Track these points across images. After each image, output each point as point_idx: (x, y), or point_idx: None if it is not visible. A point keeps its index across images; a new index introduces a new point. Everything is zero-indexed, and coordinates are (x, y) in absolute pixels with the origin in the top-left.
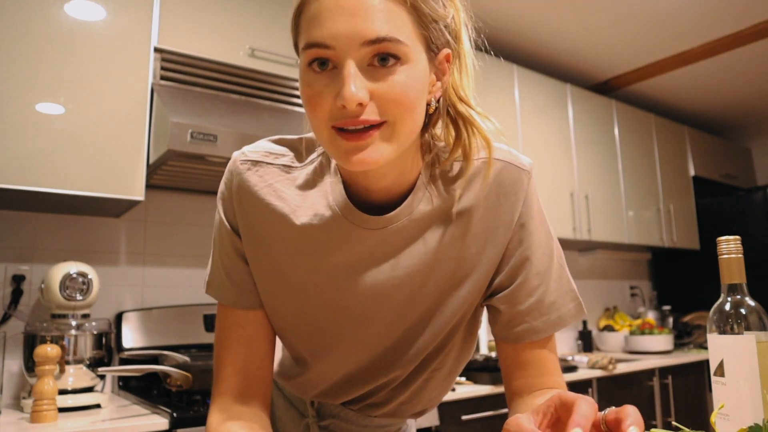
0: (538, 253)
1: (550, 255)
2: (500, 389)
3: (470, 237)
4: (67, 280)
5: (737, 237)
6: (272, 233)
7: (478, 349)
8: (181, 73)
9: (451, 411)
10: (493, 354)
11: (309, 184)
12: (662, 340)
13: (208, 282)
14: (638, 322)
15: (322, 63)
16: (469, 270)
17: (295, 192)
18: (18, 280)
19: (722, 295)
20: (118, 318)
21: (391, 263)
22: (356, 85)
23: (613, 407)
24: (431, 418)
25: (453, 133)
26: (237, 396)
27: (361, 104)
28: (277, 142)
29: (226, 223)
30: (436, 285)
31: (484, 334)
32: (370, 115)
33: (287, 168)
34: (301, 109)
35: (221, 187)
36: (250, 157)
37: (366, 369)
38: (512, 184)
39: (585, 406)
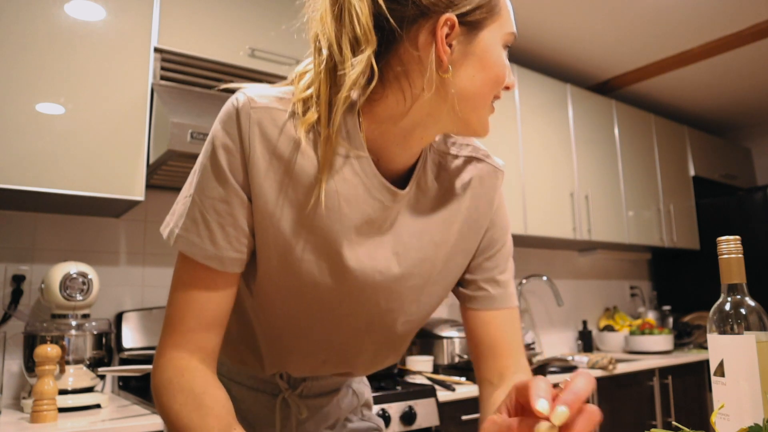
0: (504, 240)
1: (511, 245)
2: None
3: (455, 223)
4: (67, 280)
5: (737, 237)
6: (295, 192)
7: None
8: (181, 73)
9: (451, 411)
10: None
11: (327, 145)
12: (662, 340)
13: (177, 234)
14: (638, 322)
15: None
16: (452, 256)
17: (312, 149)
18: (18, 280)
19: (722, 295)
20: (118, 318)
21: (394, 236)
22: None
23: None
24: (431, 418)
25: None
26: (195, 351)
27: None
28: (277, 87)
29: (231, 178)
30: (424, 265)
31: None
32: None
33: (300, 120)
34: None
35: (221, 137)
36: (261, 104)
37: (347, 351)
38: (491, 180)
39: (540, 385)
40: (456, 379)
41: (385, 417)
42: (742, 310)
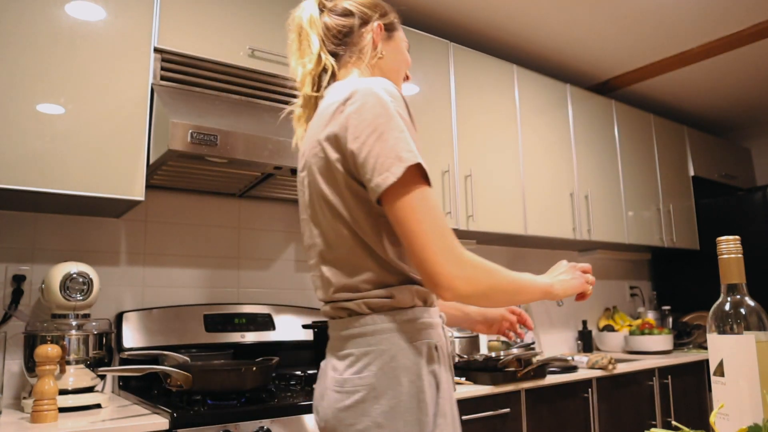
0: None
1: None
2: (500, 389)
3: None
4: (68, 280)
5: (737, 237)
6: None
7: (478, 349)
8: (181, 73)
9: None
10: (493, 354)
11: None
12: (662, 340)
13: (411, 158)
14: (638, 322)
15: None
16: None
17: None
18: (18, 280)
19: (722, 295)
20: (119, 318)
21: None
22: None
23: None
24: None
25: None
26: None
27: None
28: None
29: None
30: None
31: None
32: None
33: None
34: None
35: (395, 93)
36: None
37: None
38: None
39: None
40: (456, 378)
41: None
42: (742, 310)
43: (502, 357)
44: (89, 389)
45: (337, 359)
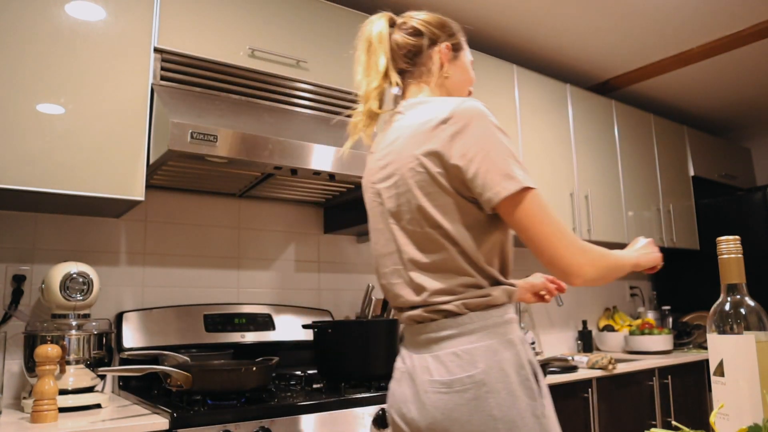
0: None
1: None
2: None
3: None
4: (68, 280)
5: (737, 237)
6: None
7: None
8: (181, 73)
9: None
10: None
11: None
12: (662, 340)
13: (525, 178)
14: (638, 322)
15: None
16: None
17: None
18: (18, 280)
19: (722, 295)
20: (119, 318)
21: None
22: None
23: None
24: None
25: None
26: None
27: None
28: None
29: None
30: None
31: None
32: None
33: None
34: (301, 110)
35: (486, 110)
36: None
37: None
38: None
39: None
40: None
41: (387, 417)
42: (742, 310)
43: None
44: (89, 389)
45: (431, 361)
